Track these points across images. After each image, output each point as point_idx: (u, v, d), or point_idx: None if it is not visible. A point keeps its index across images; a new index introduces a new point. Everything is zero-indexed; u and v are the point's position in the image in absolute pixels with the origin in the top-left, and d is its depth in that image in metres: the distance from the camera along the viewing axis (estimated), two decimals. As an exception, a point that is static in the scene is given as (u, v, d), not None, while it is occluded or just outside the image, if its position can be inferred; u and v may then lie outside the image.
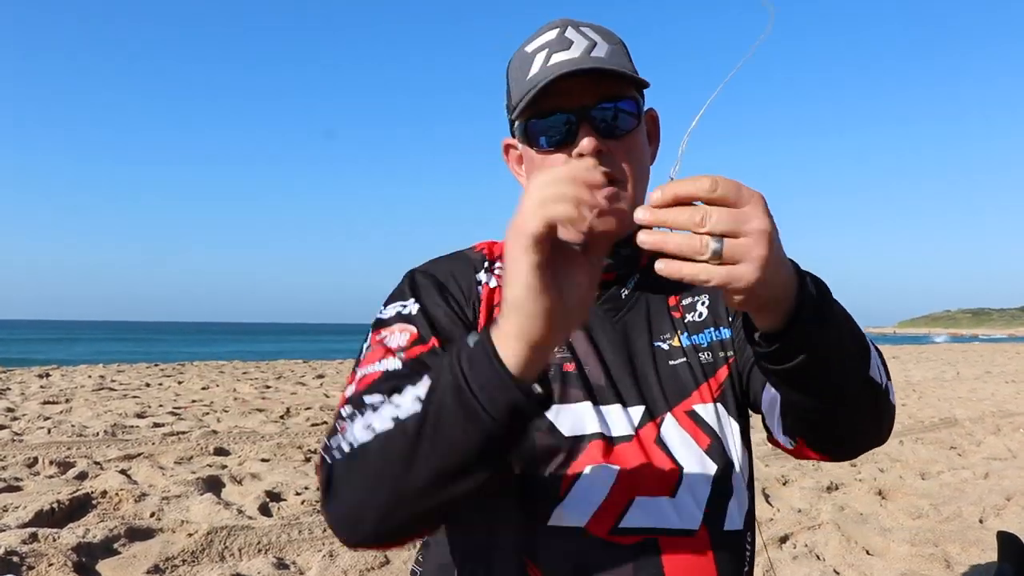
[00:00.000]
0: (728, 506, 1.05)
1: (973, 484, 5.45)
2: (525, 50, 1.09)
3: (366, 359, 0.99)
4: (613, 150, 1.04)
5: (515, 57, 1.11)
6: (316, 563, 3.62)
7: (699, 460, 1.04)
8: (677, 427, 1.05)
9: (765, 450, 6.34)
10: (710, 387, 1.10)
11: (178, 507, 4.41)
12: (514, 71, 1.10)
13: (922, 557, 3.76)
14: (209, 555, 3.68)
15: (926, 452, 6.67)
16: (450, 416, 0.75)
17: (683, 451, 1.04)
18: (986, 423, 8.48)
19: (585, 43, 1.05)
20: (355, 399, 0.90)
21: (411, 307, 1.05)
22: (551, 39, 1.06)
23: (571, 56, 1.03)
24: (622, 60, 1.07)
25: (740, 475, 1.08)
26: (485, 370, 0.73)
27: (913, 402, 10.50)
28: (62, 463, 5.54)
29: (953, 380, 14.57)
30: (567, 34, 1.06)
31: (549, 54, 1.04)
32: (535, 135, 1.06)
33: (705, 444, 1.05)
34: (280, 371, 15.59)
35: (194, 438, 6.75)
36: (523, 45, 1.10)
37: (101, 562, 3.55)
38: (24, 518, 3.98)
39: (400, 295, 1.09)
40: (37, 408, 8.75)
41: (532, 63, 1.06)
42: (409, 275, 1.12)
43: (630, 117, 1.05)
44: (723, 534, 1.03)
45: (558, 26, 1.07)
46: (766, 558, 3.74)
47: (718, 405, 1.09)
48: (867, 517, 4.55)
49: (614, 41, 1.08)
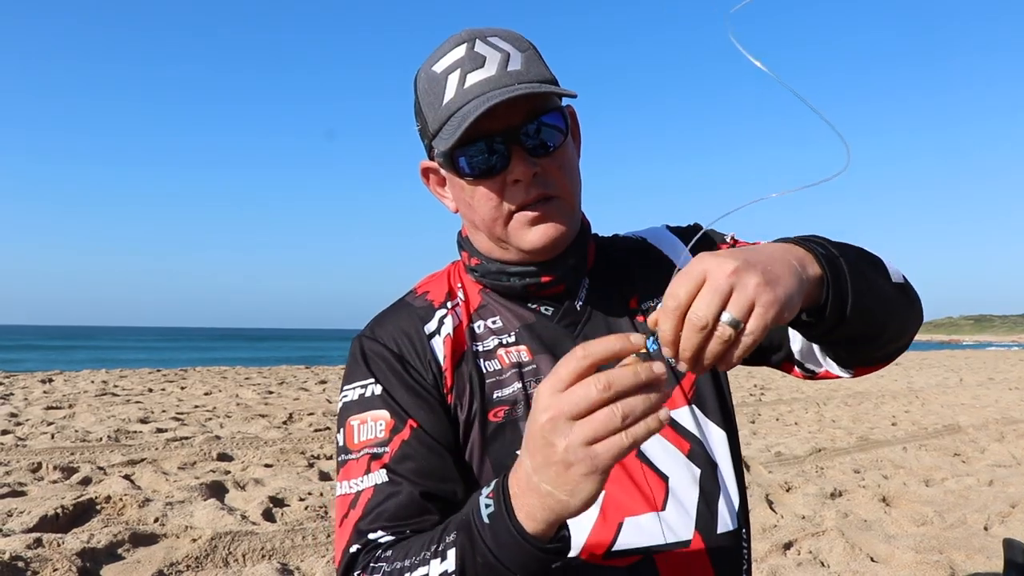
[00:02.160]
0: (718, 508, 1.05)
1: (977, 491, 5.43)
2: (434, 70, 1.02)
3: (350, 470, 1.02)
4: (546, 167, 1.01)
5: (422, 77, 1.04)
6: (320, 569, 3.62)
7: (683, 466, 1.04)
8: (656, 438, 1.04)
9: (768, 456, 6.34)
10: (682, 389, 1.10)
11: (182, 512, 4.41)
12: (425, 94, 1.03)
13: (927, 564, 3.75)
14: (213, 560, 3.68)
15: (930, 459, 6.65)
16: None
17: (666, 460, 1.04)
18: (990, 430, 8.46)
19: (498, 56, 0.99)
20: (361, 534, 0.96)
21: (372, 388, 1.05)
22: (461, 57, 1.00)
23: (488, 75, 0.98)
24: (539, 68, 1.02)
25: (727, 474, 1.08)
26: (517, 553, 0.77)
27: (916, 409, 10.48)
28: (66, 468, 5.54)
29: (956, 387, 14.54)
30: (477, 49, 1.00)
31: (463, 75, 0.99)
32: (463, 164, 1.01)
33: (686, 449, 1.05)
34: (283, 376, 15.60)
35: (197, 443, 6.76)
36: (428, 63, 1.04)
37: (105, 567, 3.55)
38: (29, 523, 3.98)
39: (357, 373, 1.08)
40: (41, 413, 8.76)
41: (446, 86, 1.00)
42: (359, 346, 1.10)
43: (557, 132, 1.02)
44: (717, 537, 1.03)
45: (465, 40, 1.01)
46: (770, 565, 3.74)
47: (693, 407, 1.09)
48: (871, 524, 4.54)
49: (524, 47, 1.03)
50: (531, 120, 1.00)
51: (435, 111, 1.01)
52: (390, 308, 1.15)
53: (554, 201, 1.03)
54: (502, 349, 1.08)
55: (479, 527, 0.79)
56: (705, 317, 0.70)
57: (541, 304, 1.11)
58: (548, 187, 1.02)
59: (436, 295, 1.14)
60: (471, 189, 1.03)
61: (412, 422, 1.01)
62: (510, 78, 0.98)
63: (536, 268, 1.08)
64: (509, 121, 0.98)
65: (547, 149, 1.01)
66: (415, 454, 1.00)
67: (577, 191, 1.07)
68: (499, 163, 1.00)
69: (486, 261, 1.11)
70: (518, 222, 1.03)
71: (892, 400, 11.69)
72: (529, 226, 1.03)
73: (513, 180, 1.00)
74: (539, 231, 1.03)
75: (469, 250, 1.14)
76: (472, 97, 0.97)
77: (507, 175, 1.00)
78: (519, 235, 1.04)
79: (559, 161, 1.03)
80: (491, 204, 1.03)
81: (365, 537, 0.95)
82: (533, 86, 0.97)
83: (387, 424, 1.01)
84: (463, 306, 1.12)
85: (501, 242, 1.07)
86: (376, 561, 0.91)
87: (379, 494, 0.98)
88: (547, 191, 1.02)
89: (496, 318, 1.11)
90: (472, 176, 1.02)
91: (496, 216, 1.03)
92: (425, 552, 0.85)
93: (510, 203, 1.02)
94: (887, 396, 12.27)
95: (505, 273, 1.09)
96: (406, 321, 1.11)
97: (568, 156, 1.05)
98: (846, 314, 0.84)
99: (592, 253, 1.15)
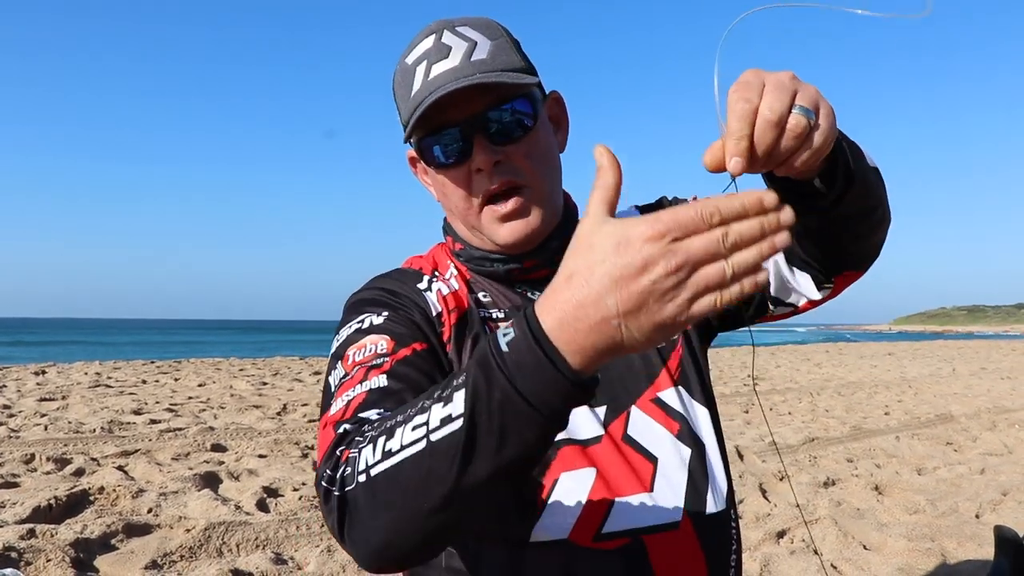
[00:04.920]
0: (707, 489, 1.05)
1: (969, 480, 5.46)
2: (406, 62, 1.03)
3: (344, 385, 0.90)
4: (511, 155, 1.00)
5: (397, 70, 1.06)
6: (314, 558, 3.62)
7: (672, 447, 1.04)
8: (645, 418, 1.05)
9: (761, 446, 6.36)
10: (669, 371, 1.10)
11: (176, 503, 4.41)
12: (398, 86, 1.05)
13: (919, 552, 3.77)
14: (207, 550, 3.68)
15: (922, 448, 6.69)
16: (501, 425, 0.67)
17: (654, 441, 1.04)
18: (982, 419, 8.50)
19: (464, 46, 0.99)
20: (350, 422, 0.83)
21: (371, 319, 1.00)
22: (428, 48, 1.00)
23: (451, 65, 0.98)
24: (508, 56, 1.01)
25: (713, 455, 1.08)
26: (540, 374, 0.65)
27: (909, 398, 10.53)
28: (59, 459, 5.53)
29: (949, 376, 14.61)
30: (444, 40, 1.00)
31: (428, 66, 0.99)
32: (431, 153, 1.03)
33: (675, 430, 1.05)
34: (276, 368, 15.57)
35: (191, 434, 6.75)
36: (403, 55, 1.05)
37: (99, 558, 3.55)
38: (22, 514, 3.97)
39: (352, 315, 1.03)
40: (34, 405, 8.73)
41: (414, 77, 1.01)
42: (352, 298, 1.08)
43: (526, 117, 1.01)
44: (706, 518, 1.03)
45: (434, 31, 1.02)
46: (763, 553, 3.76)
47: (679, 388, 1.09)
48: (864, 512, 4.57)
49: (496, 35, 1.03)
50: (493, 108, 0.99)
51: (405, 102, 1.02)
52: (381, 274, 1.15)
53: (523, 191, 1.02)
54: (499, 322, 1.07)
55: (496, 354, 0.67)
56: (779, 111, 0.69)
57: (527, 289, 1.11)
58: (514, 175, 1.01)
59: (425, 269, 1.14)
60: (441, 178, 1.05)
61: (416, 345, 0.96)
62: (472, 68, 0.98)
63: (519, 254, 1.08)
64: (471, 110, 0.98)
65: (510, 137, 1.00)
66: (417, 370, 0.92)
67: (551, 178, 1.06)
68: (461, 152, 1.00)
69: (468, 247, 1.11)
70: (488, 217, 1.03)
71: (885, 390, 11.75)
72: (500, 223, 1.03)
73: (476, 169, 1.00)
74: (509, 228, 1.03)
75: (452, 235, 1.14)
76: (434, 88, 0.97)
77: (471, 164, 1.00)
78: (491, 230, 1.04)
79: (525, 148, 1.02)
80: (460, 194, 1.03)
81: (357, 416, 0.83)
82: (487, 76, 0.96)
83: (388, 343, 0.95)
84: (458, 278, 1.12)
85: (475, 230, 1.07)
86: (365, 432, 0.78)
87: (374, 395, 0.86)
88: (514, 179, 1.01)
89: (485, 293, 1.11)
90: (437, 165, 1.03)
91: (467, 206, 1.04)
92: (426, 400, 0.73)
93: (476, 192, 1.02)
94: (880, 386, 12.33)
95: (488, 259, 1.09)
96: (398, 279, 1.11)
97: (538, 143, 1.03)
98: (854, 178, 0.84)
99: None
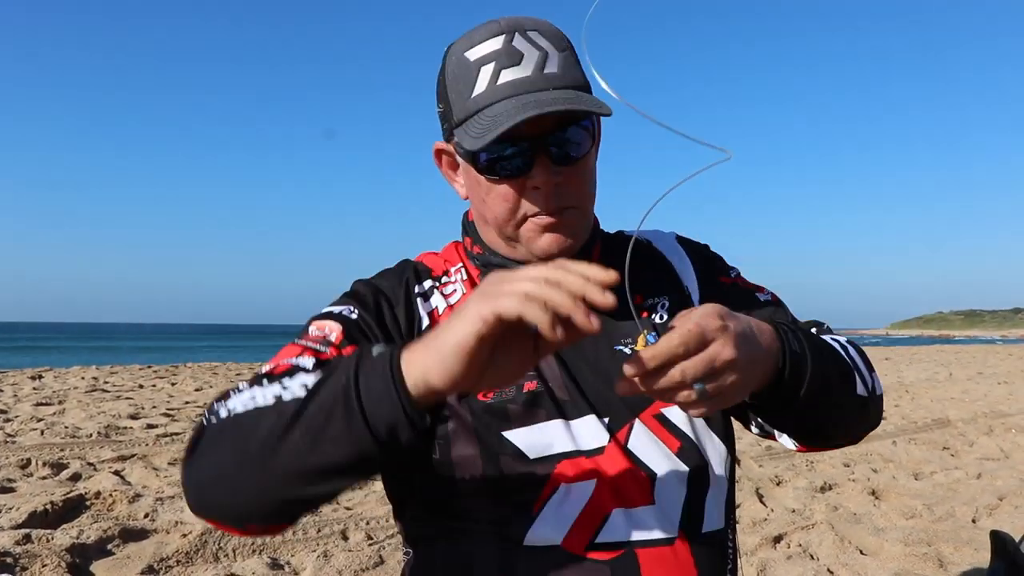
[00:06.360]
0: (705, 508, 1.03)
1: (966, 484, 5.47)
2: (466, 56, 0.98)
3: (285, 351, 0.98)
4: (568, 176, 1.00)
5: (452, 60, 1.01)
6: (311, 563, 3.62)
7: (671, 464, 1.02)
8: (646, 433, 1.03)
9: (759, 450, 6.36)
10: None
11: (172, 508, 4.40)
12: (453, 80, 1.00)
13: (915, 557, 3.78)
14: (203, 555, 3.67)
15: (919, 452, 6.70)
16: (329, 411, 0.74)
17: (654, 457, 1.02)
18: (979, 424, 8.51)
19: (536, 55, 0.96)
20: (256, 377, 0.87)
21: (346, 310, 1.04)
22: (497, 49, 0.96)
23: (523, 75, 0.95)
24: (575, 72, 1.00)
25: (715, 474, 1.06)
26: (380, 382, 0.73)
27: (906, 403, 10.53)
28: (55, 464, 5.52)
29: (946, 381, 14.61)
30: (515, 44, 0.96)
31: (497, 69, 0.96)
32: (484, 162, 1.00)
33: (675, 447, 1.03)
34: (274, 372, 15.54)
35: (188, 439, 6.72)
36: (462, 46, 1.00)
37: (95, 563, 3.54)
38: (18, 519, 3.96)
39: (339, 300, 1.08)
40: (30, 410, 8.70)
41: (477, 77, 0.97)
42: (351, 286, 1.11)
43: (586, 138, 1.01)
44: (701, 536, 1.02)
45: (504, 31, 0.97)
46: (760, 558, 3.76)
47: None
48: (860, 517, 4.57)
49: (563, 46, 1.00)
50: (561, 128, 0.97)
51: (462, 100, 0.99)
52: (387, 268, 1.16)
53: (570, 211, 1.02)
54: None
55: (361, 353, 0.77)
56: (684, 379, 0.77)
57: None
58: (567, 199, 1.01)
59: (436, 270, 1.14)
60: (488, 186, 1.01)
61: None
62: (545, 81, 0.96)
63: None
64: (541, 127, 0.96)
65: (571, 158, 1.00)
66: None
67: (593, 200, 1.07)
68: (522, 168, 0.98)
69: (489, 253, 1.10)
70: (530, 227, 1.02)
71: (882, 395, 11.74)
72: (541, 232, 1.02)
73: (533, 187, 0.99)
74: (549, 239, 1.02)
75: (473, 237, 1.13)
76: (503, 96, 0.95)
77: (528, 180, 0.99)
78: (530, 240, 1.03)
79: (581, 170, 1.02)
80: (506, 206, 1.02)
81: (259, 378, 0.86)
82: (571, 99, 0.94)
83: (339, 335, 0.99)
84: (465, 282, 1.12)
85: (510, 240, 1.06)
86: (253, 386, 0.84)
87: (295, 367, 0.90)
88: (566, 203, 1.01)
89: None
90: (492, 176, 1.00)
91: (509, 218, 1.03)
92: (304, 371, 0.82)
93: (526, 208, 1.01)
94: (877, 391, 12.32)
95: (507, 267, 1.08)
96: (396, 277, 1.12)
97: (590, 165, 1.04)
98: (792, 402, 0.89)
99: (597, 249, 1.14)
